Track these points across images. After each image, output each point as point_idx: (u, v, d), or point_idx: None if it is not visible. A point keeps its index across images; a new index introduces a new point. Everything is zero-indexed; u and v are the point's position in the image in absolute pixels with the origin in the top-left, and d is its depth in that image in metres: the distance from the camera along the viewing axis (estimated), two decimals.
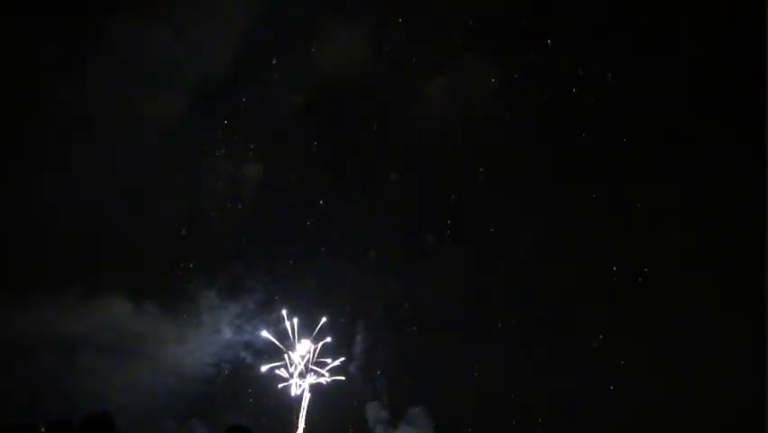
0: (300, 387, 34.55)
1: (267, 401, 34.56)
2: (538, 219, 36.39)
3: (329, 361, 34.90)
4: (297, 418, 34.39)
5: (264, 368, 34.39)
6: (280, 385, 34.49)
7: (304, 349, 34.84)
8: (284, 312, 34.68)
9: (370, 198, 37.91)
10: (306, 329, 34.96)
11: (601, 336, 34.35)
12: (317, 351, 34.81)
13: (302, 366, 34.66)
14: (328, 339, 34.96)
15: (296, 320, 34.68)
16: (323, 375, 34.85)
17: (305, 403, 34.49)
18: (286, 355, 34.69)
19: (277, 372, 34.55)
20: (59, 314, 32.93)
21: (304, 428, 34.43)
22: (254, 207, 38.05)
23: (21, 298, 31.86)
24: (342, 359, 35.32)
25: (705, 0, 32.96)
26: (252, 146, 38.22)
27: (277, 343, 34.72)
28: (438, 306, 36.05)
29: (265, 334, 34.98)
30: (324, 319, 34.78)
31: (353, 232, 37.39)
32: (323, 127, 37.72)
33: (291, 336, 34.46)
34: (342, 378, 35.24)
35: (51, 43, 33.76)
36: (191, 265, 36.36)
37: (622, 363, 34.10)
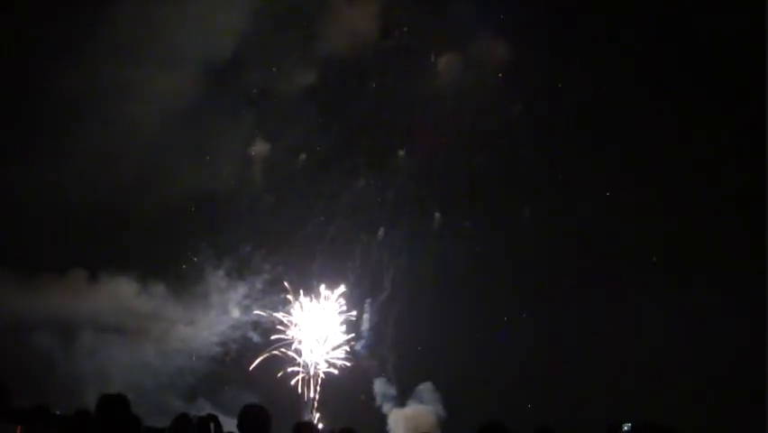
0: (307, 372, 34.70)
1: (277, 379, 34.72)
2: (549, 200, 36.21)
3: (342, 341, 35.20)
4: (309, 398, 34.57)
5: (252, 366, 34.51)
6: (279, 374, 34.63)
7: (312, 327, 34.99)
8: (286, 284, 34.89)
9: (379, 177, 37.69)
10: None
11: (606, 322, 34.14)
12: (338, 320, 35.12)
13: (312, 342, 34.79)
14: (353, 313, 35.21)
15: (301, 292, 34.94)
16: (338, 361, 35.07)
17: (317, 383, 34.69)
18: (288, 333, 34.86)
19: (277, 353, 34.74)
20: (65, 296, 32.96)
21: (314, 407, 34.66)
22: (262, 187, 37.99)
23: (25, 279, 31.88)
24: (352, 343, 35.55)
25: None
26: (260, 125, 37.96)
27: (263, 314, 34.89)
28: (446, 283, 36.03)
29: (257, 312, 35.13)
30: (342, 288, 35.05)
31: (362, 210, 37.41)
32: (331, 106, 37.47)
33: (292, 298, 34.60)
34: (350, 364, 35.47)
35: (54, 23, 33.28)
36: (198, 246, 36.20)
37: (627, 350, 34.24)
